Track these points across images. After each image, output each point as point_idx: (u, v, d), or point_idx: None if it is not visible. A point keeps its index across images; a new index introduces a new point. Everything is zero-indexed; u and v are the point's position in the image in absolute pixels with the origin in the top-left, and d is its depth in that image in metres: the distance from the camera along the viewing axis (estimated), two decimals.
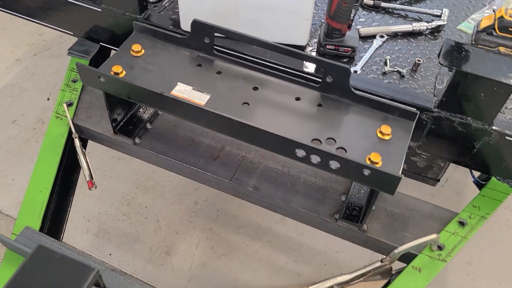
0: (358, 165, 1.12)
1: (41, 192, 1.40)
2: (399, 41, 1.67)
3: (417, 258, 1.33)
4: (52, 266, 0.66)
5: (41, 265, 0.66)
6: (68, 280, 0.65)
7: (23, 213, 1.35)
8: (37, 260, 0.66)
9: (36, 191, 1.40)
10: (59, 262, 0.66)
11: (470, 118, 1.38)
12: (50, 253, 0.67)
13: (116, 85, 1.29)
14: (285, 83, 1.41)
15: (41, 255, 0.67)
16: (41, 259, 0.67)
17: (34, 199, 1.38)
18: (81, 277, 0.65)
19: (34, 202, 1.37)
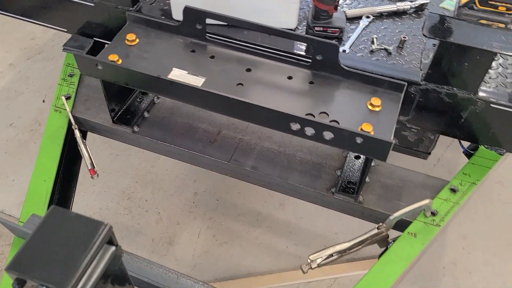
0: (351, 133, 1.17)
1: (45, 181, 1.44)
2: (385, 21, 1.72)
3: (412, 224, 1.38)
4: (66, 225, 0.70)
5: (56, 224, 0.70)
6: (82, 236, 0.69)
7: (28, 202, 1.39)
8: (52, 220, 0.71)
9: (40, 181, 1.44)
10: (73, 221, 0.70)
11: (456, 88, 1.44)
12: (64, 213, 0.71)
13: (114, 71, 1.33)
14: (277, 64, 1.46)
15: (55, 215, 0.71)
16: (56, 219, 0.71)
17: (39, 188, 1.42)
18: (94, 233, 0.69)
19: (39, 191, 1.41)
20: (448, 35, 1.32)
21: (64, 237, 0.69)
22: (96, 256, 0.69)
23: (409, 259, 1.30)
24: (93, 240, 0.68)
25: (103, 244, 0.69)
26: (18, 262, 0.66)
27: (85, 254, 0.67)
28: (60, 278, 0.64)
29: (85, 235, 0.68)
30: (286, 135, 1.63)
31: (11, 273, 0.65)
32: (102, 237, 0.69)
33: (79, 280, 0.66)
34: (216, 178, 2.53)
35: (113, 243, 0.73)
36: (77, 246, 0.68)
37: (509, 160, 2.59)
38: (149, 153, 2.64)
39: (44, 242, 0.69)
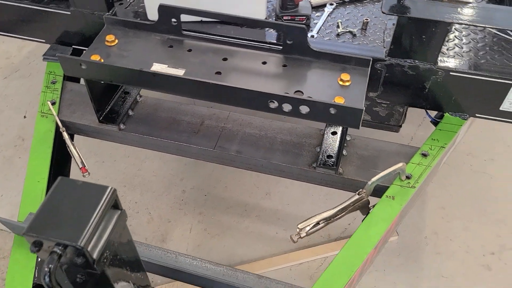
0: (325, 104, 1.27)
1: (39, 182, 1.49)
2: (348, 7, 1.84)
3: (389, 188, 1.49)
4: (74, 192, 0.77)
5: (64, 192, 0.77)
6: (90, 200, 0.76)
7: (25, 202, 1.44)
8: (61, 188, 0.78)
9: (34, 182, 1.49)
10: (80, 188, 0.78)
11: (417, 60, 1.55)
12: (71, 181, 0.78)
13: (98, 69, 1.41)
14: (251, 51, 1.55)
15: (63, 184, 0.78)
16: (64, 187, 0.78)
17: (34, 188, 1.47)
18: (101, 196, 0.77)
19: (34, 191, 1.46)
20: (405, 10, 1.43)
21: (73, 202, 0.76)
22: (104, 216, 0.76)
23: (389, 219, 1.40)
24: (101, 202, 0.75)
25: (109, 205, 0.76)
26: (34, 226, 0.73)
27: (94, 214, 0.74)
28: (73, 235, 0.71)
29: (93, 198, 0.76)
30: (266, 120, 1.73)
31: (28, 237, 0.72)
32: (108, 199, 0.76)
33: (91, 237, 0.73)
34: (203, 174, 2.60)
35: (118, 207, 0.81)
36: (86, 208, 0.75)
37: (476, 132, 2.76)
38: (135, 157, 2.72)
39: (55, 208, 0.76)
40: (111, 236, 0.78)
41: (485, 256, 2.26)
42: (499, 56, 1.61)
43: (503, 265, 2.21)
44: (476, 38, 1.68)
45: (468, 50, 1.64)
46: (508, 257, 2.24)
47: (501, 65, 1.57)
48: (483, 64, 1.57)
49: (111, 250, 0.79)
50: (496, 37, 1.69)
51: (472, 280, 2.17)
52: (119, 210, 0.80)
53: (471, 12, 1.45)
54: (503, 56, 1.61)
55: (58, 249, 0.72)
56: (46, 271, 0.71)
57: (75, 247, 0.71)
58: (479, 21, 1.39)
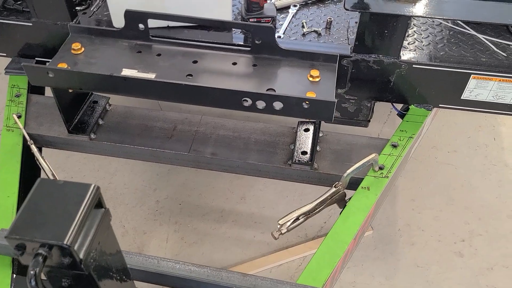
0: (298, 99, 1.29)
1: (9, 197, 1.44)
2: (311, 8, 1.89)
3: (364, 180, 1.53)
4: (55, 191, 0.75)
5: (45, 193, 0.75)
6: (73, 198, 0.75)
7: None
8: (41, 189, 0.76)
9: (4, 197, 1.44)
10: (62, 187, 0.76)
11: (381, 55, 1.61)
12: (51, 182, 0.76)
13: (66, 77, 1.38)
14: (221, 53, 1.56)
15: (43, 185, 0.76)
16: (45, 188, 0.76)
17: (4, 204, 1.42)
18: (84, 194, 0.75)
19: (5, 206, 1.41)
20: (366, 6, 1.49)
21: (56, 202, 0.74)
22: (89, 215, 0.75)
23: (366, 209, 1.44)
24: (84, 200, 0.74)
25: (94, 203, 0.75)
26: (16, 228, 0.71)
27: (79, 213, 0.72)
28: (58, 234, 0.70)
29: (76, 197, 0.74)
30: (239, 122, 1.74)
31: (11, 239, 0.70)
32: (92, 196, 0.75)
33: (77, 235, 0.71)
34: (176, 183, 2.58)
35: (102, 205, 0.79)
36: (69, 207, 0.73)
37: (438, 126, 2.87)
38: (104, 170, 2.66)
39: (37, 209, 0.74)
40: (96, 236, 0.76)
41: (456, 244, 2.34)
42: (456, 48, 1.69)
43: (474, 251, 2.30)
44: (434, 32, 1.76)
45: (427, 43, 1.71)
46: (477, 243, 2.33)
47: (459, 56, 1.65)
48: (442, 56, 1.65)
49: (97, 250, 0.78)
50: (452, 30, 1.77)
51: (446, 268, 2.24)
52: (103, 209, 0.79)
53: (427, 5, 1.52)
54: (460, 47, 1.69)
55: (43, 250, 0.70)
56: (32, 275, 0.69)
57: (61, 246, 0.69)
58: (434, 13, 1.46)
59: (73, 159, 2.68)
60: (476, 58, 1.64)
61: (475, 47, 1.69)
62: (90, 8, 1.85)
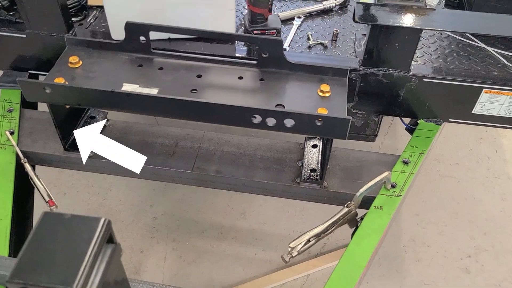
0: (311, 116, 1.23)
1: (1, 220, 1.35)
2: (315, 19, 1.84)
3: (376, 198, 1.47)
4: (62, 227, 0.68)
5: (51, 228, 0.68)
6: (81, 235, 0.67)
7: None
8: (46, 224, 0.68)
9: None
10: (69, 222, 0.68)
11: (390, 68, 1.56)
12: (57, 216, 0.69)
13: (64, 93, 1.30)
14: (226, 66, 1.50)
15: (49, 219, 0.68)
16: (50, 223, 0.68)
17: None
18: (94, 229, 0.68)
19: None
20: (377, 19, 1.44)
21: (62, 240, 0.66)
22: (99, 254, 0.67)
23: (380, 230, 1.37)
24: (94, 237, 0.66)
25: (104, 240, 0.67)
26: (19, 271, 0.63)
27: (88, 253, 0.65)
28: (66, 278, 0.62)
29: (85, 233, 0.67)
30: (243, 138, 1.67)
31: (12, 284, 0.62)
32: (103, 232, 0.67)
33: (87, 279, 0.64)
34: (174, 199, 2.50)
35: (112, 240, 0.72)
36: (77, 246, 0.66)
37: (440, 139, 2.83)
38: (98, 186, 2.57)
39: (42, 248, 0.66)
40: (107, 275, 0.69)
41: (462, 260, 2.28)
42: (467, 61, 1.65)
43: (481, 267, 2.25)
44: (443, 45, 1.72)
45: (436, 56, 1.67)
46: (484, 259, 2.28)
47: (470, 70, 1.61)
48: (453, 69, 1.60)
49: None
50: (461, 43, 1.73)
51: (453, 285, 2.18)
52: (114, 244, 0.71)
53: (440, 18, 1.48)
54: (470, 61, 1.65)
55: None
56: None
57: None
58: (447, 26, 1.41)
59: (66, 174, 2.58)
60: (488, 71, 1.60)
61: (486, 60, 1.65)
62: (87, 19, 1.78)
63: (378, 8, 1.50)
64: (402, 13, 1.47)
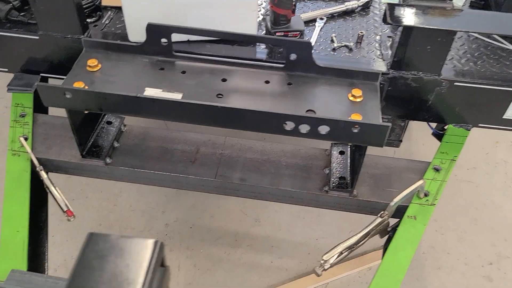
0: (347, 123, 1.17)
1: (19, 232, 1.28)
2: (338, 21, 1.78)
3: (409, 208, 1.41)
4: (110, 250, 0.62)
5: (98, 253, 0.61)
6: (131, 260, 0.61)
7: (4, 257, 1.22)
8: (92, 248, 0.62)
9: (13, 232, 1.28)
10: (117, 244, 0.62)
11: (421, 72, 1.50)
12: (104, 237, 0.62)
13: (85, 98, 1.24)
14: (251, 70, 1.43)
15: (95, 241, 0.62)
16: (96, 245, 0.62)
17: (13, 240, 1.26)
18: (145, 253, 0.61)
19: (14, 243, 1.25)
20: (410, 20, 1.38)
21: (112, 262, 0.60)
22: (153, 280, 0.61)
23: (416, 241, 1.32)
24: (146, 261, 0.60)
25: (158, 264, 0.61)
26: None
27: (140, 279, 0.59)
28: None
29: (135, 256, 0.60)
30: (266, 144, 1.61)
31: None
32: (156, 256, 0.61)
33: None
34: (186, 205, 2.43)
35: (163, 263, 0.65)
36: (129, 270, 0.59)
37: None
38: (108, 191, 2.50)
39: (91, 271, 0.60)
40: None
41: (484, 267, 2.23)
42: (498, 64, 1.59)
43: (503, 275, 2.19)
44: (471, 47, 1.66)
45: (466, 59, 1.61)
46: (506, 266, 2.22)
47: (502, 73, 1.55)
48: (485, 73, 1.54)
49: None
50: (490, 46, 1.68)
51: None
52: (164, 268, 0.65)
53: (474, 19, 1.42)
54: (501, 64, 1.59)
55: None
56: None
57: None
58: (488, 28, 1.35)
59: (74, 179, 2.49)
60: None
61: None
62: (101, 21, 1.71)
63: (408, 9, 1.44)
64: (434, 15, 1.41)
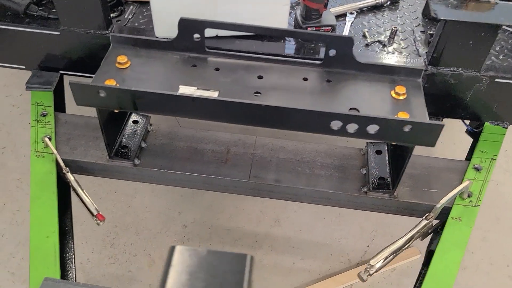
0: (399, 122, 1.11)
1: (49, 237, 1.21)
2: (368, 15, 1.72)
3: (453, 209, 1.36)
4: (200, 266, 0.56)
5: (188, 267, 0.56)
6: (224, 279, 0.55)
7: (35, 264, 1.16)
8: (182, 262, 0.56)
9: (43, 238, 1.21)
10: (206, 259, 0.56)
11: (461, 68, 1.45)
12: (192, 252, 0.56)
13: (120, 96, 1.17)
14: (287, 66, 1.37)
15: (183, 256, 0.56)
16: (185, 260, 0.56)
17: (44, 246, 1.19)
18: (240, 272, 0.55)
19: (45, 249, 1.18)
20: (454, 14, 1.32)
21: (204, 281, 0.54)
22: None
23: (463, 243, 1.27)
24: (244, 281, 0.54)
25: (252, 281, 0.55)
26: None
27: None
28: None
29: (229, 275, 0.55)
30: (299, 143, 1.55)
31: None
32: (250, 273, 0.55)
33: None
34: (203, 205, 2.37)
35: None
36: None
37: None
38: (122, 192, 2.43)
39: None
40: None
41: (509, 267, 2.19)
42: None
43: None
44: (508, 43, 1.61)
45: (503, 55, 1.56)
46: None
47: None
48: None
49: None
50: None
51: None
52: None
53: None
54: None
55: None
56: None
57: None
58: None
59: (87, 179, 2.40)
60: None
61: None
62: (124, 15, 1.64)
63: (451, 2, 1.38)
64: (477, 8, 1.36)
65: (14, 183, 2.43)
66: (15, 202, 2.35)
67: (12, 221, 2.27)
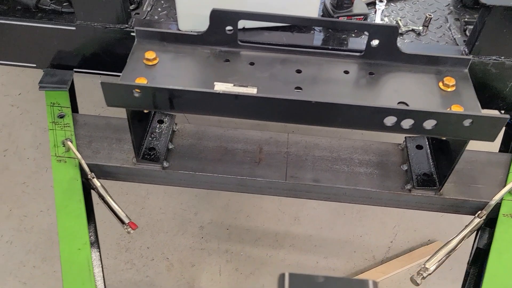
0: (459, 116, 1.04)
1: (80, 249, 1.12)
2: (398, 3, 1.64)
3: (502, 205, 1.29)
4: None
5: None
6: None
7: (68, 279, 1.06)
8: None
9: (74, 250, 1.12)
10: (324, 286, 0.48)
11: (503, 56, 1.38)
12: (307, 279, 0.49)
13: (155, 96, 1.08)
14: (325, 59, 1.29)
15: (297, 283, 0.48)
16: None
17: (77, 259, 1.10)
18: None
19: (78, 262, 1.09)
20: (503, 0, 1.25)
21: None
22: None
23: None
24: None
25: None
26: None
27: None
28: None
29: None
30: (333, 139, 1.47)
31: None
32: None
33: None
34: (219, 205, 2.29)
35: None
36: None
37: None
38: (134, 193, 2.33)
39: None
40: None
41: None
42: None
43: None
44: None
45: None
46: None
47: None
48: None
49: None
50: None
51: None
52: None
53: None
54: None
55: None
56: None
57: None
58: None
59: None
60: None
61: None
62: (142, 8, 1.54)
63: None
64: None
65: (19, 187, 2.32)
66: (22, 208, 2.24)
67: (20, 227, 2.17)
